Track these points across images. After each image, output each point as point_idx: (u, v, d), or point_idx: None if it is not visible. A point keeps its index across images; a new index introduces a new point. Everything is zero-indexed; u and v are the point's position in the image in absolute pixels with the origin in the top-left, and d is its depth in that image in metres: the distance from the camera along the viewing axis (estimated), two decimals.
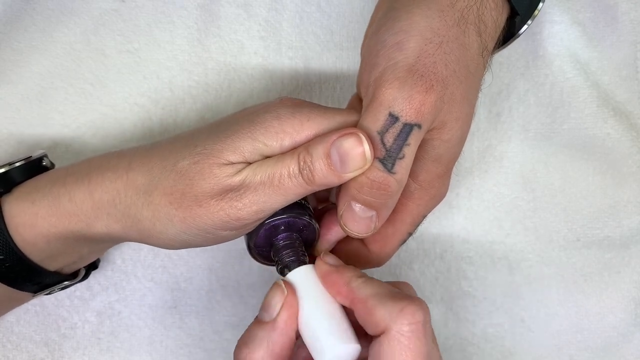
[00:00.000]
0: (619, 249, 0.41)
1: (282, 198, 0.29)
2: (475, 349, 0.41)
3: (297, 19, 0.41)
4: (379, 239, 0.34)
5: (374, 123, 0.29)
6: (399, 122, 0.28)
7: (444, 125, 0.30)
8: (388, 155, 0.28)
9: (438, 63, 0.29)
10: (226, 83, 0.41)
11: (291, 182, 0.29)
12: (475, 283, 0.41)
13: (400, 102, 0.28)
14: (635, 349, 0.41)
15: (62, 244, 0.32)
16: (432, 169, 0.31)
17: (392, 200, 0.30)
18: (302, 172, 0.29)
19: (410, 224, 0.33)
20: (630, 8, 0.42)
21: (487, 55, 0.32)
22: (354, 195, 0.29)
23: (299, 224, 0.32)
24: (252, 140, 0.29)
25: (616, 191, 0.42)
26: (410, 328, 0.26)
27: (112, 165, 0.32)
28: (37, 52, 0.40)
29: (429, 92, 0.28)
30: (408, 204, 0.32)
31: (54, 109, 0.40)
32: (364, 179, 0.29)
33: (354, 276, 0.29)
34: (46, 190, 0.32)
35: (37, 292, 0.34)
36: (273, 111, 0.30)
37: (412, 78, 0.28)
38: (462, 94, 0.30)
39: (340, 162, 0.28)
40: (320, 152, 0.28)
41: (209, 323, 0.40)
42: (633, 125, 0.42)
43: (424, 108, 0.28)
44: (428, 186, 0.32)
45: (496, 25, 0.32)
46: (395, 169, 0.29)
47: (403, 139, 0.28)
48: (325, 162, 0.28)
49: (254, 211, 0.29)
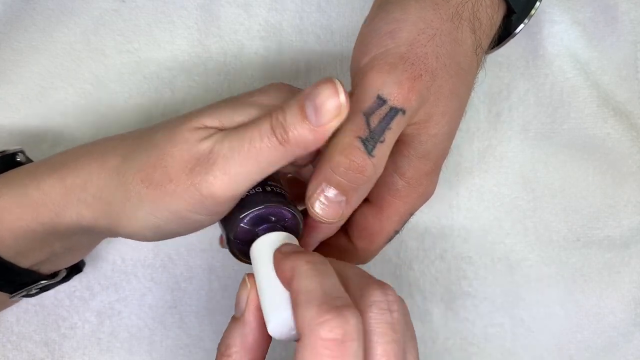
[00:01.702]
0: (619, 249, 0.41)
1: (256, 166, 0.27)
2: (475, 349, 0.41)
3: (297, 19, 0.41)
4: (365, 236, 0.33)
5: (361, 103, 0.29)
6: (386, 105, 0.28)
7: (430, 118, 0.30)
8: (371, 136, 0.28)
9: (429, 54, 0.29)
10: (226, 83, 0.41)
11: (263, 144, 0.27)
12: (475, 283, 0.41)
13: (390, 85, 0.28)
14: (635, 349, 0.41)
15: (30, 239, 0.30)
16: (420, 165, 0.31)
17: (365, 187, 0.29)
18: (275, 131, 0.27)
19: (397, 222, 0.33)
20: (630, 8, 0.42)
21: (482, 53, 0.32)
22: (328, 177, 0.28)
23: (282, 215, 0.30)
24: (233, 106, 0.29)
25: (616, 191, 0.42)
26: (323, 344, 0.23)
27: (86, 151, 0.31)
28: (37, 52, 0.40)
29: (417, 80, 0.29)
30: (395, 201, 0.32)
31: (54, 109, 0.40)
32: (342, 158, 0.28)
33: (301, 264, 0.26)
34: (14, 183, 0.30)
35: (13, 292, 0.33)
36: (261, 89, 0.30)
37: (403, 65, 0.29)
38: (451, 88, 0.30)
39: (315, 114, 0.26)
40: (294, 107, 0.26)
41: (209, 323, 0.40)
42: (633, 125, 0.42)
43: (411, 95, 0.28)
44: (416, 184, 0.32)
45: (491, 22, 0.32)
46: (375, 152, 0.28)
47: (387, 123, 0.28)
48: (299, 115, 0.26)
49: (226, 184, 0.27)
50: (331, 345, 0.23)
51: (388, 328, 0.25)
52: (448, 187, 0.42)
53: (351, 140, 0.28)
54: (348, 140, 0.28)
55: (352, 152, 0.28)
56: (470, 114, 0.42)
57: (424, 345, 0.41)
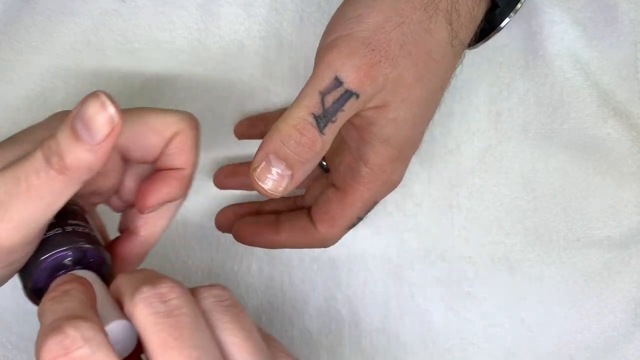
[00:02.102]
0: (619, 249, 0.41)
1: (41, 204, 0.24)
2: (475, 349, 0.41)
3: (298, 19, 0.41)
4: (327, 219, 0.34)
5: (319, 83, 0.29)
6: (342, 87, 0.29)
7: (387, 104, 0.30)
8: (324, 115, 0.29)
9: (393, 41, 0.29)
10: (226, 83, 0.41)
11: (41, 178, 0.24)
12: (475, 283, 0.41)
13: (348, 68, 0.29)
14: (635, 349, 0.41)
15: None
16: (382, 151, 0.32)
17: (311, 163, 0.30)
18: (51, 161, 0.24)
19: (360, 208, 0.34)
20: (630, 8, 0.42)
21: (459, 45, 0.32)
22: (277, 148, 0.29)
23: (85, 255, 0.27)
24: (7, 145, 0.26)
25: (616, 191, 0.42)
26: None
27: None
28: (37, 52, 0.40)
29: (375, 66, 0.29)
30: (359, 187, 0.33)
31: (54, 109, 0.40)
32: (294, 131, 0.29)
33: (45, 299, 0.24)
34: None
35: None
36: (42, 121, 0.29)
37: (364, 50, 0.29)
38: (415, 76, 0.30)
39: (87, 132, 0.23)
40: (65, 130, 0.24)
41: None
42: (633, 125, 0.42)
43: (366, 80, 0.29)
44: (379, 170, 0.32)
45: (471, 15, 0.32)
46: (326, 130, 0.29)
47: (341, 104, 0.29)
48: (71, 137, 0.24)
49: (13, 232, 0.24)
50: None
51: (161, 317, 0.22)
52: (448, 187, 0.42)
53: (305, 115, 0.29)
54: (302, 115, 0.29)
55: (305, 127, 0.29)
56: (470, 114, 0.42)
57: (424, 345, 0.41)
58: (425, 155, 0.41)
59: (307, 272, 0.41)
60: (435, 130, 0.41)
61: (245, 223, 0.37)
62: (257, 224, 0.37)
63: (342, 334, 0.41)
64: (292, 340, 0.41)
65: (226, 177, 0.40)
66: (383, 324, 0.41)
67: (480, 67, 0.42)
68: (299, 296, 0.41)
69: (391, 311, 0.41)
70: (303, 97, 0.29)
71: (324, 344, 0.41)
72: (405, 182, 0.42)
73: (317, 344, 0.41)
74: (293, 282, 0.41)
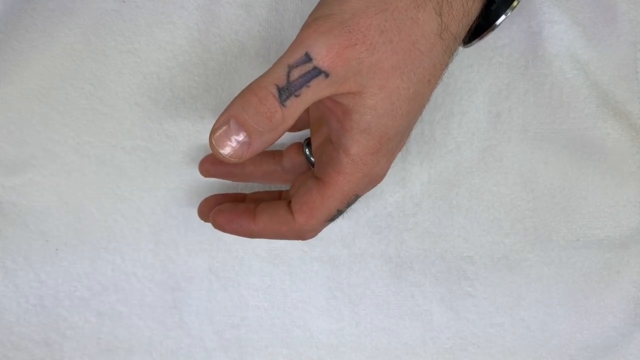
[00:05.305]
0: (619, 249, 0.41)
1: None
2: (475, 349, 0.41)
3: (298, 19, 0.41)
4: (306, 210, 0.33)
5: (288, 56, 0.29)
6: (310, 63, 0.29)
7: (363, 89, 0.30)
8: (287, 87, 0.29)
9: (373, 27, 0.29)
10: (227, 84, 0.41)
11: None
12: (475, 283, 0.41)
13: (320, 46, 0.29)
14: (635, 349, 0.41)
15: None
16: (363, 141, 0.31)
17: (269, 136, 0.30)
18: None
19: (339, 200, 0.33)
20: (630, 8, 0.42)
21: (451, 39, 0.32)
22: (237, 113, 0.29)
23: None
24: None
25: (616, 191, 0.42)
26: None
27: None
28: (38, 52, 0.40)
29: (349, 48, 0.29)
30: (339, 178, 0.32)
31: (54, 109, 0.40)
32: (254, 98, 0.29)
33: None
34: None
35: None
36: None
37: (340, 30, 0.29)
38: (395, 64, 0.30)
39: None
40: None
41: (209, 323, 0.40)
42: (633, 125, 0.42)
43: (337, 60, 0.29)
44: (360, 162, 0.32)
45: (465, 9, 0.32)
46: (288, 103, 0.29)
47: (307, 80, 0.29)
48: None
49: None
50: None
51: None
52: (448, 187, 0.42)
53: (268, 85, 0.29)
54: (265, 85, 0.29)
55: (266, 96, 0.29)
56: (470, 114, 0.42)
57: (424, 345, 0.41)
58: (425, 155, 0.41)
59: (308, 272, 0.41)
60: (435, 130, 0.42)
61: (223, 209, 0.37)
62: (234, 211, 0.36)
63: (342, 333, 0.41)
64: (292, 340, 0.41)
65: (212, 165, 0.39)
66: (383, 323, 0.41)
67: (480, 67, 0.42)
68: (300, 296, 0.41)
69: (391, 311, 0.41)
70: (271, 69, 0.29)
71: (325, 344, 0.41)
72: (405, 182, 0.42)
73: (317, 343, 0.41)
74: (294, 282, 0.41)
